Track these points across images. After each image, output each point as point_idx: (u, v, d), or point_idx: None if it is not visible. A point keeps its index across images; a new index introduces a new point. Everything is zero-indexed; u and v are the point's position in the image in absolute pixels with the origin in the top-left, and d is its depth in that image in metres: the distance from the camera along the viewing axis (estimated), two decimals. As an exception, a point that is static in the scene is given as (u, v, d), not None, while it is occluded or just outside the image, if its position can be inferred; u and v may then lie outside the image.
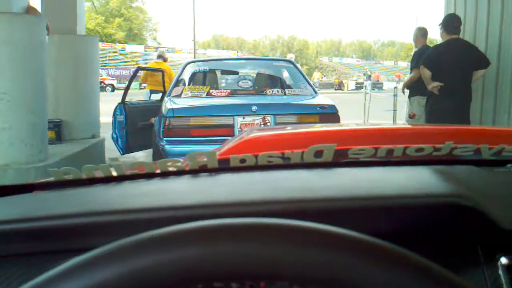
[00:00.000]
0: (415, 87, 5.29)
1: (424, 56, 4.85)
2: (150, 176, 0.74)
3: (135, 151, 5.85)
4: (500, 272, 0.58)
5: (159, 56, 8.94)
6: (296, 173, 0.73)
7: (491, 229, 0.58)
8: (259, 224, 0.33)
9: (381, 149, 0.80)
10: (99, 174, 0.74)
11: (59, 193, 0.69)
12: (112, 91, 33.09)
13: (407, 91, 5.68)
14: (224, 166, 0.78)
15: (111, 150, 6.27)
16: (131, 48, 54.29)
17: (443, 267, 0.33)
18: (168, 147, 4.26)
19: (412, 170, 0.72)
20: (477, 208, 0.58)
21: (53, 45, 5.99)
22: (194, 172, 0.74)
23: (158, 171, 0.75)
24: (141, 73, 8.37)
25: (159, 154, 4.41)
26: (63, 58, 6.34)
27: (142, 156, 6.30)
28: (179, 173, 0.74)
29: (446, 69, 4.55)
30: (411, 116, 5.39)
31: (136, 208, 0.58)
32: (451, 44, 4.68)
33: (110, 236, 0.36)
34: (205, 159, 0.75)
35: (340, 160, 0.82)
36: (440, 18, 5.07)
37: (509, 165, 0.81)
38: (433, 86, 4.58)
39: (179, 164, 0.77)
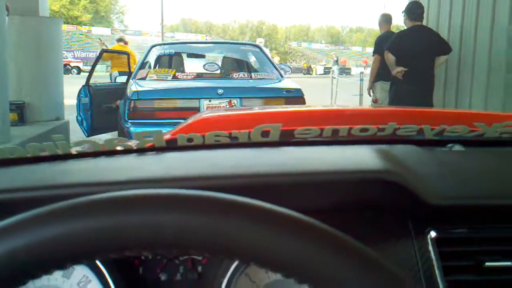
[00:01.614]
0: (378, 73, 5.36)
1: (389, 41, 4.91)
2: (96, 154, 0.74)
3: (100, 133, 5.78)
4: (430, 246, 0.61)
5: (120, 39, 8.75)
6: (240, 152, 0.74)
7: (420, 204, 0.60)
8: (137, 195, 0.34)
9: (327, 130, 0.82)
10: (45, 153, 0.73)
11: None
12: (78, 73, 32.71)
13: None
14: (171, 146, 0.79)
15: (76, 132, 6.18)
16: (97, 30, 53.30)
17: (372, 240, 0.33)
18: (133, 129, 4.22)
19: (354, 148, 0.74)
20: (402, 183, 0.60)
21: (13, 26, 5.84)
22: (141, 151, 0.74)
23: (105, 149, 0.75)
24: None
25: (124, 136, 4.36)
26: (24, 40, 6.20)
27: (108, 138, 6.21)
28: (126, 152, 0.75)
29: (409, 55, 4.61)
30: (374, 101, 5.47)
31: (63, 183, 0.58)
32: (414, 30, 4.74)
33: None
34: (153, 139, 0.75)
35: (287, 140, 0.83)
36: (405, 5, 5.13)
37: (449, 145, 0.84)
38: (397, 71, 4.64)
39: (127, 143, 0.77)
